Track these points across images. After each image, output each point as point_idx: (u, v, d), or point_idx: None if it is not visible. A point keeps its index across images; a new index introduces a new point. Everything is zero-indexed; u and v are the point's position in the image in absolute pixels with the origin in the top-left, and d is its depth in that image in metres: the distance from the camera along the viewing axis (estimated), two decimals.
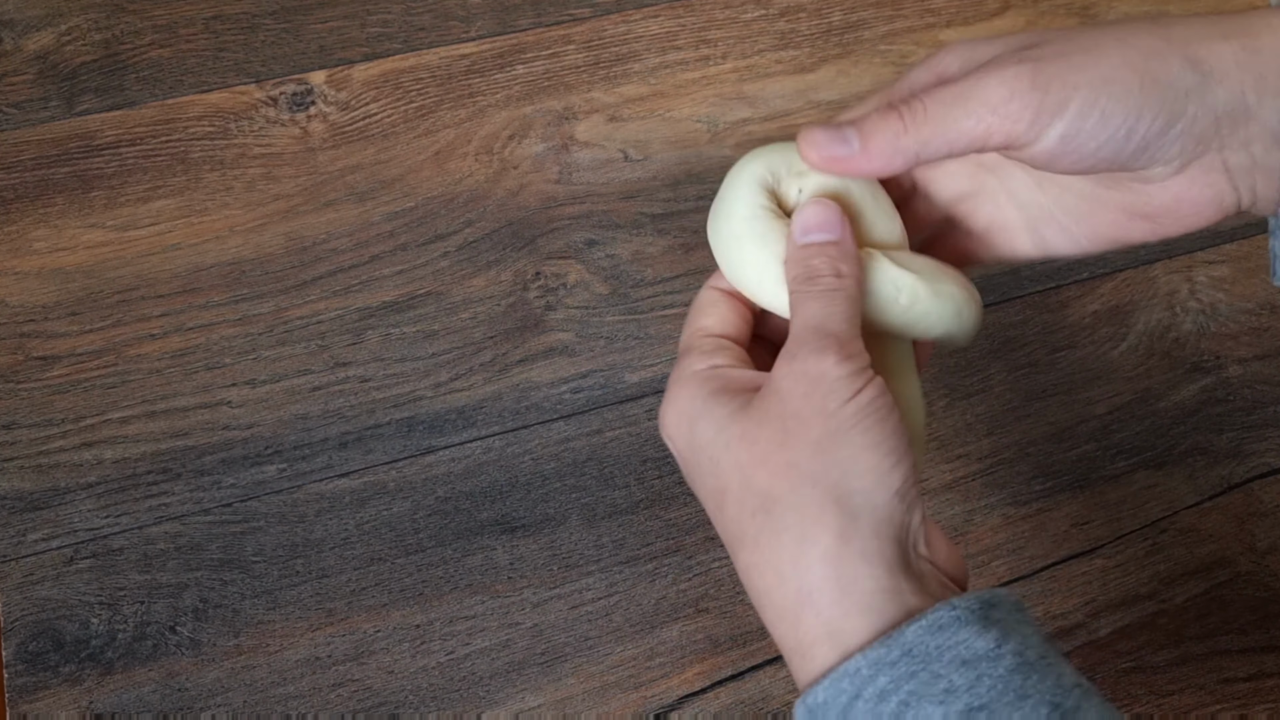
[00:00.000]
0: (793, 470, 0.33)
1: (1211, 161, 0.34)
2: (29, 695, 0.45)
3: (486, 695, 0.47)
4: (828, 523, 0.32)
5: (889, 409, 0.33)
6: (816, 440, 0.33)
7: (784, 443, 0.33)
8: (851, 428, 0.33)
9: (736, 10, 0.63)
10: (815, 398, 0.33)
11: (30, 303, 0.52)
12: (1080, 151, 0.34)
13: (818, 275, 0.35)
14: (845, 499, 0.32)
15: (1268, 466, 0.55)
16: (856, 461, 0.32)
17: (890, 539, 0.32)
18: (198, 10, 0.60)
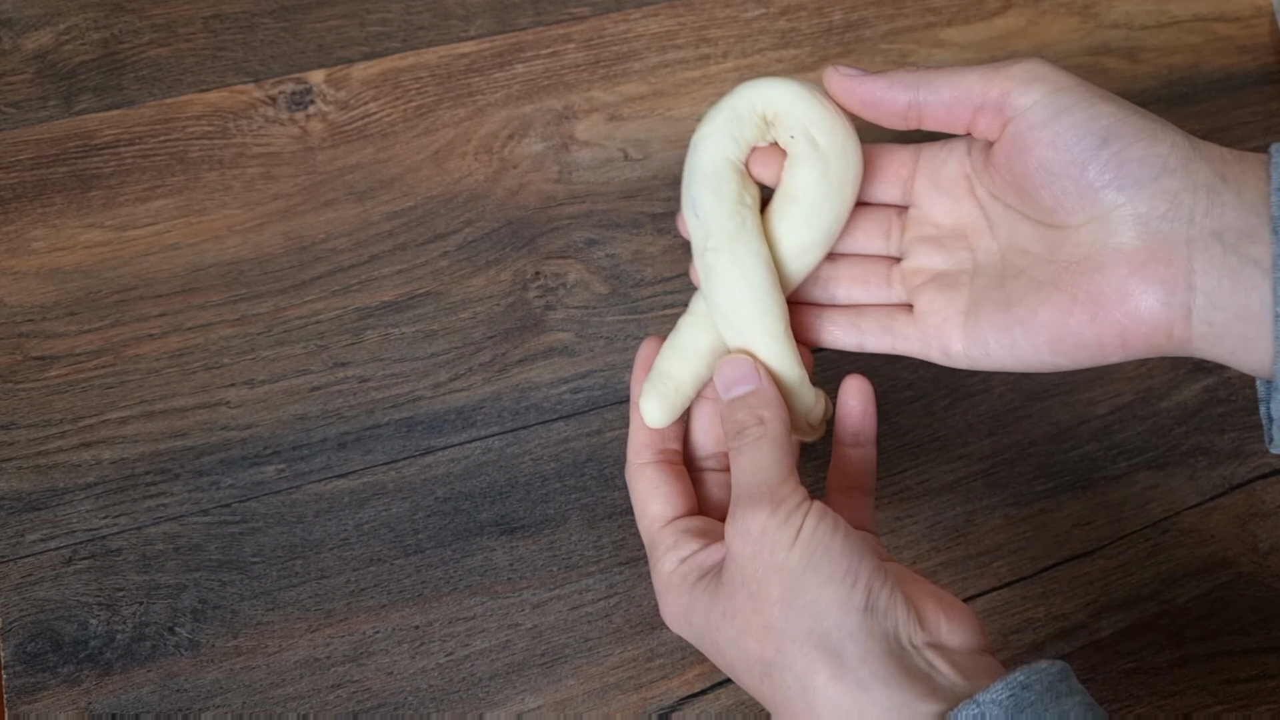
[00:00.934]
0: (771, 633, 0.34)
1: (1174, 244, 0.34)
2: (28, 696, 0.45)
3: (486, 696, 0.47)
4: (817, 670, 0.33)
5: (831, 532, 0.35)
6: (779, 597, 0.34)
7: (755, 608, 0.35)
8: (803, 571, 0.34)
9: (737, 9, 0.63)
10: (764, 554, 0.35)
11: (28, 303, 0.52)
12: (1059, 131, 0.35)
13: (742, 429, 0.38)
14: (824, 641, 0.33)
15: (1269, 467, 0.54)
16: (819, 601, 0.34)
17: (880, 655, 0.33)
18: (196, 9, 0.60)
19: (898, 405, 0.54)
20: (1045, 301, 0.36)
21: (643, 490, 0.40)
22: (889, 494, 0.52)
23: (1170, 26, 0.66)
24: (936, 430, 0.54)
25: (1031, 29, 0.64)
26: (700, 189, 0.39)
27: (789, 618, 0.34)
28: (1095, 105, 0.35)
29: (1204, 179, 0.34)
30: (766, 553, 0.35)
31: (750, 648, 0.35)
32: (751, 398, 0.38)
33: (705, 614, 0.36)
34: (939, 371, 0.55)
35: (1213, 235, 0.33)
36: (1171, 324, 0.34)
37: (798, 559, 0.34)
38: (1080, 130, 0.35)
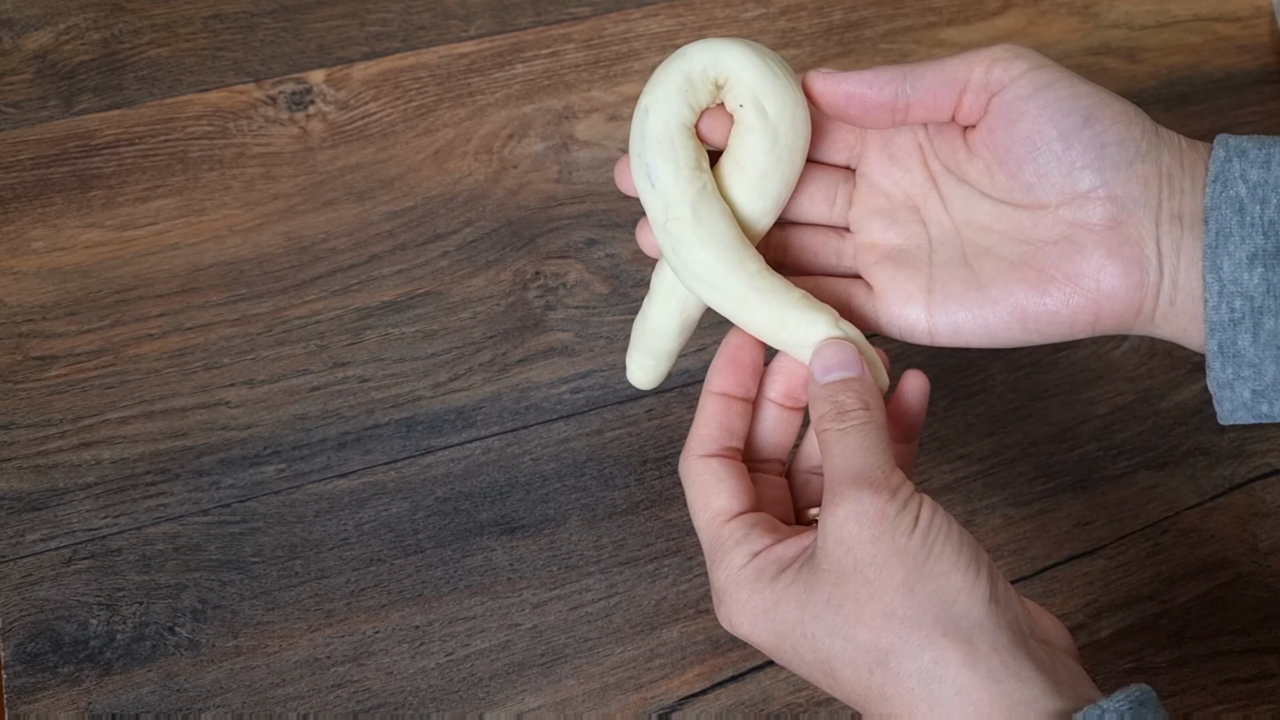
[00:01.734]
0: (893, 619, 0.33)
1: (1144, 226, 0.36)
2: (27, 696, 0.45)
3: (486, 696, 0.47)
4: (948, 657, 0.32)
5: (947, 522, 0.34)
6: (902, 582, 0.33)
7: (872, 594, 0.33)
8: (927, 557, 0.33)
9: (737, 9, 0.63)
10: (884, 538, 0.33)
11: (28, 303, 0.52)
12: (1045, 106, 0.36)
13: (847, 410, 0.36)
14: (953, 628, 0.32)
15: (1269, 467, 0.54)
16: (946, 588, 0.33)
17: (1010, 646, 0.32)
18: (196, 9, 0.60)
19: None
20: (1020, 280, 0.37)
21: (706, 483, 0.38)
22: None
23: (1170, 26, 0.66)
24: (936, 430, 0.54)
25: (1031, 29, 0.64)
26: (655, 156, 0.37)
27: (913, 604, 0.33)
28: (1075, 85, 0.36)
29: (1166, 165, 0.36)
30: (887, 537, 0.33)
31: (862, 637, 0.33)
32: (855, 383, 0.37)
33: (799, 605, 0.34)
34: (939, 371, 0.55)
35: (1174, 218, 0.36)
36: (1142, 302, 0.36)
37: (918, 543, 0.33)
38: (1065, 107, 0.36)
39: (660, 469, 0.52)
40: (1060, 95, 0.36)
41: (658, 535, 0.50)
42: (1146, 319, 0.37)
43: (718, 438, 0.39)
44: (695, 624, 0.49)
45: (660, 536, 0.50)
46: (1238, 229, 0.35)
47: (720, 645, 0.49)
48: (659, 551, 0.50)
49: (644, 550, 0.50)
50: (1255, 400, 0.36)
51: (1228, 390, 0.36)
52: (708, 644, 0.49)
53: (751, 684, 0.48)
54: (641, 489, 0.51)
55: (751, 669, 0.48)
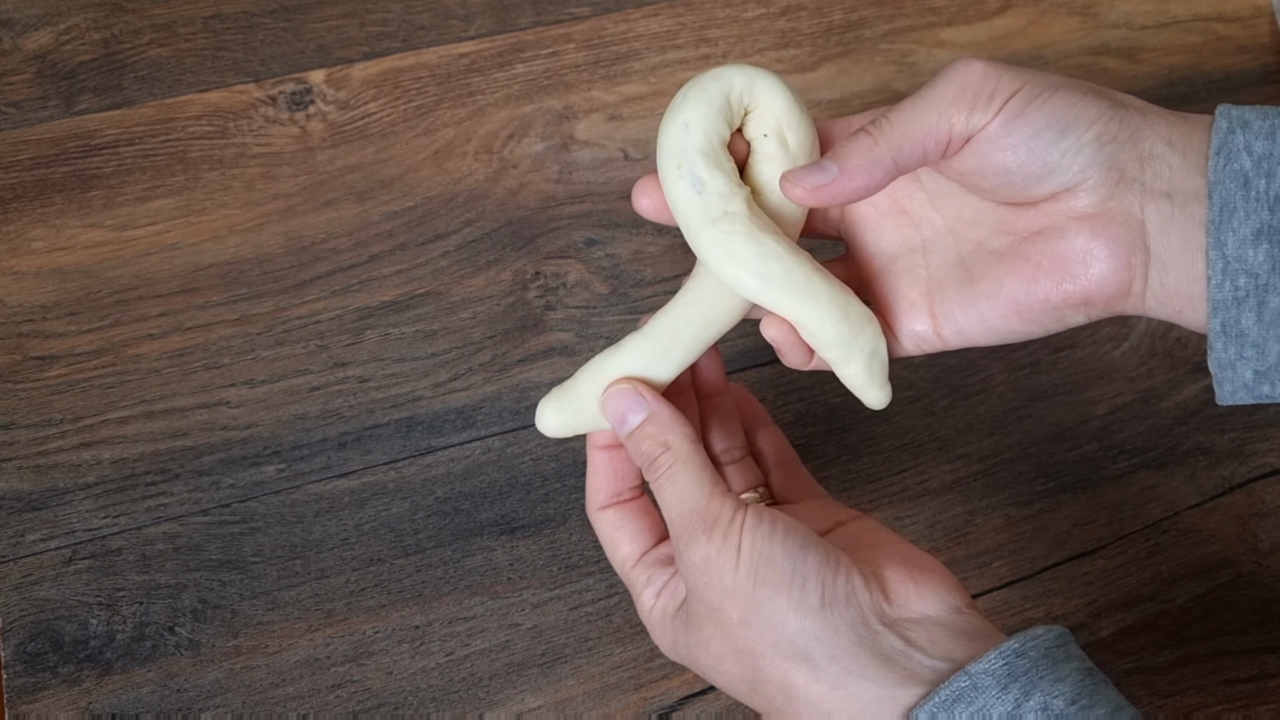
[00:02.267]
0: (743, 654, 0.34)
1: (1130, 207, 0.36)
2: (28, 696, 0.45)
3: (486, 696, 0.47)
4: (793, 678, 0.33)
5: (768, 538, 0.34)
6: (739, 619, 0.34)
7: (723, 634, 0.35)
8: (753, 588, 0.34)
9: (737, 9, 0.63)
10: (714, 583, 0.35)
11: (28, 302, 0.52)
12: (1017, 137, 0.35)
13: (651, 459, 0.37)
14: (790, 649, 0.34)
15: (1269, 467, 0.54)
16: (774, 612, 0.34)
17: (849, 649, 0.33)
18: (196, 9, 0.60)
19: (898, 405, 0.54)
20: (1010, 272, 0.38)
21: (607, 533, 0.40)
22: (889, 494, 0.52)
23: (1170, 26, 0.66)
24: (936, 430, 0.54)
25: (1031, 29, 0.64)
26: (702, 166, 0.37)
27: (753, 636, 0.34)
28: (1047, 100, 0.35)
29: (1150, 146, 0.35)
30: (715, 580, 0.34)
31: (730, 670, 0.35)
32: (649, 425, 0.37)
33: (685, 645, 0.37)
34: (939, 371, 0.55)
35: (1164, 196, 0.35)
36: (1131, 283, 0.36)
37: (744, 578, 0.34)
38: (1038, 128, 0.35)
39: None
40: (1032, 119, 0.35)
41: None
42: (1137, 299, 0.37)
43: (608, 488, 0.40)
44: None
45: None
46: (1242, 204, 0.34)
47: None
48: None
49: None
50: (1257, 381, 0.35)
51: (1229, 371, 0.36)
52: None
53: None
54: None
55: None
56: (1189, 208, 0.35)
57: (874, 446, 0.53)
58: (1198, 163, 0.35)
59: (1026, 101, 0.35)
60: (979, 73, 0.36)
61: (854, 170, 0.36)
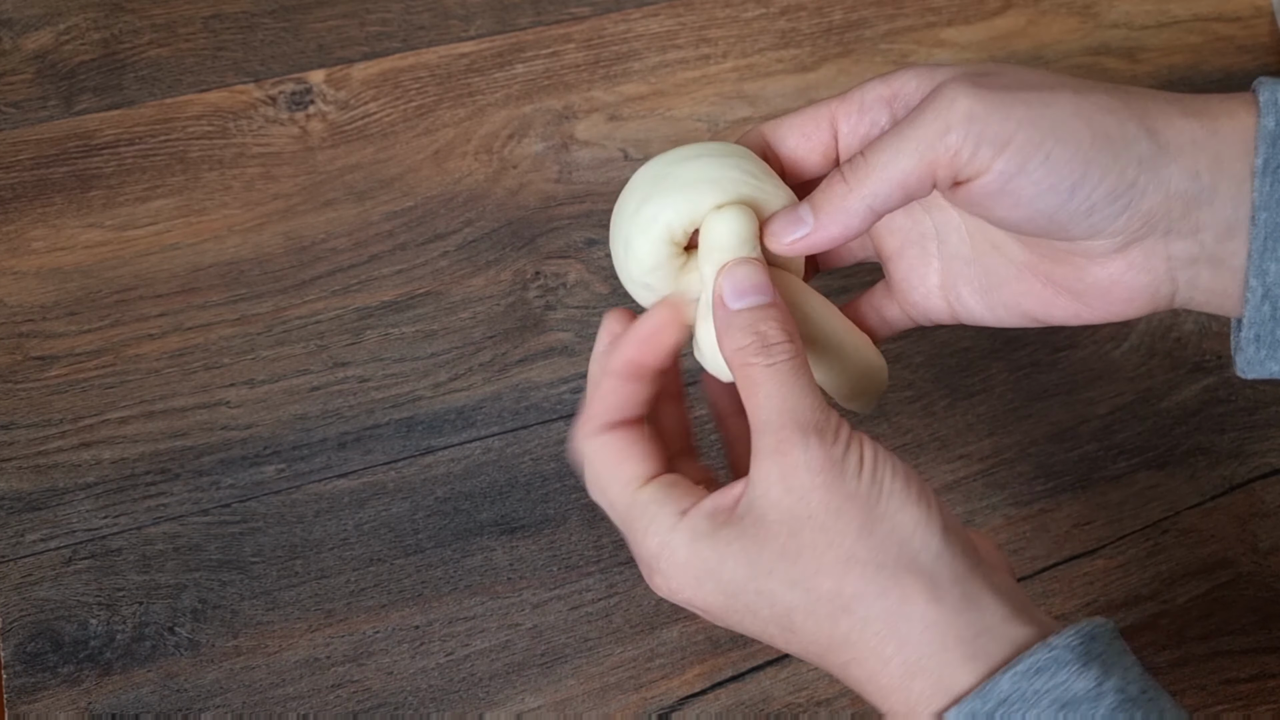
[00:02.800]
0: (854, 563, 0.32)
1: (1155, 247, 0.34)
2: (28, 696, 0.45)
3: (486, 696, 0.47)
4: (913, 594, 0.32)
5: (889, 458, 0.33)
6: (860, 525, 0.32)
7: (830, 542, 0.32)
8: (879, 498, 0.32)
9: (737, 9, 0.63)
10: (836, 486, 0.32)
11: (28, 302, 0.52)
12: (1020, 195, 0.32)
13: (773, 344, 0.33)
14: (914, 564, 0.32)
15: (1270, 467, 0.54)
16: (902, 526, 0.32)
17: (967, 575, 0.32)
18: (196, 9, 0.60)
19: (898, 405, 0.54)
20: (1025, 295, 0.37)
21: (609, 455, 0.35)
22: None
23: (1170, 26, 0.66)
24: (936, 430, 0.54)
25: (1031, 29, 0.64)
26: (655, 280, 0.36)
27: (873, 546, 0.32)
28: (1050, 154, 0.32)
29: (1177, 185, 0.33)
30: (838, 482, 0.32)
31: (824, 585, 0.32)
32: (775, 311, 0.34)
33: (749, 560, 0.32)
34: (939, 371, 0.55)
35: (1191, 235, 0.34)
36: (1156, 307, 0.36)
37: (868, 486, 0.32)
38: (1041, 188, 0.32)
39: None
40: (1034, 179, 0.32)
41: None
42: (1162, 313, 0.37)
43: (613, 413, 0.36)
44: (695, 624, 0.49)
45: None
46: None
47: (720, 645, 0.49)
48: None
49: None
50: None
51: (1256, 367, 0.35)
52: (708, 644, 0.49)
53: (751, 684, 0.48)
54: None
55: (751, 669, 0.48)
56: (1222, 244, 0.33)
57: None
58: (1230, 193, 0.33)
59: (1025, 156, 0.32)
60: (963, 113, 0.32)
61: (828, 222, 0.34)
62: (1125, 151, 0.32)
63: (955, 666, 0.31)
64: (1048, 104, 0.32)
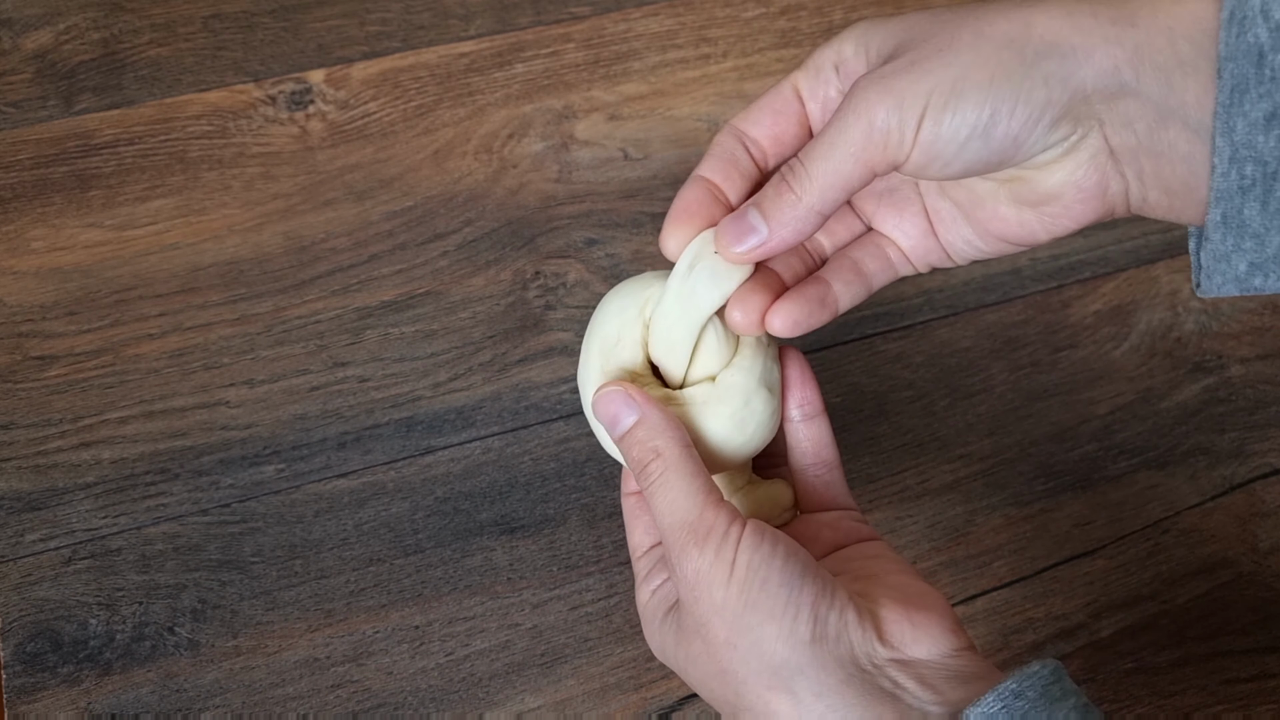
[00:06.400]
0: (727, 675, 0.33)
1: (1096, 144, 0.34)
2: (27, 696, 0.45)
3: (486, 696, 0.47)
4: (776, 710, 0.32)
5: (767, 559, 0.33)
6: (725, 639, 0.33)
7: (709, 652, 0.34)
8: (743, 610, 0.33)
9: (737, 8, 0.63)
10: (703, 597, 0.33)
11: (28, 302, 0.52)
12: (945, 155, 0.34)
13: (642, 465, 0.35)
14: (775, 679, 0.32)
15: (1270, 467, 0.54)
16: (764, 639, 0.33)
17: (836, 687, 0.32)
18: (196, 9, 0.60)
19: (898, 405, 0.54)
20: (992, 217, 0.37)
21: (628, 518, 0.39)
22: (889, 494, 0.52)
23: None
24: (936, 430, 0.54)
25: None
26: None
27: (738, 659, 0.33)
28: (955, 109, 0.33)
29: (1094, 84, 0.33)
30: (705, 595, 0.33)
31: (714, 689, 0.34)
32: (639, 430, 0.36)
33: (674, 653, 0.36)
34: (939, 371, 0.55)
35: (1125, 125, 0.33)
36: (1113, 208, 0.35)
37: (735, 597, 0.33)
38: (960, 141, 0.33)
39: None
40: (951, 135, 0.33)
41: None
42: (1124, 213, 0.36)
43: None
44: None
45: None
46: (1255, 84, 0.31)
47: None
48: None
49: None
50: (1250, 273, 0.33)
51: (1222, 263, 0.34)
52: None
53: None
54: None
55: None
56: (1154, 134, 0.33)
57: (874, 446, 0.53)
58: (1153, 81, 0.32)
59: (935, 120, 0.33)
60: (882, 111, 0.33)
61: (780, 229, 0.35)
62: (1028, 77, 0.33)
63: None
64: (948, 64, 0.33)
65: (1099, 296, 0.57)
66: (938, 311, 0.56)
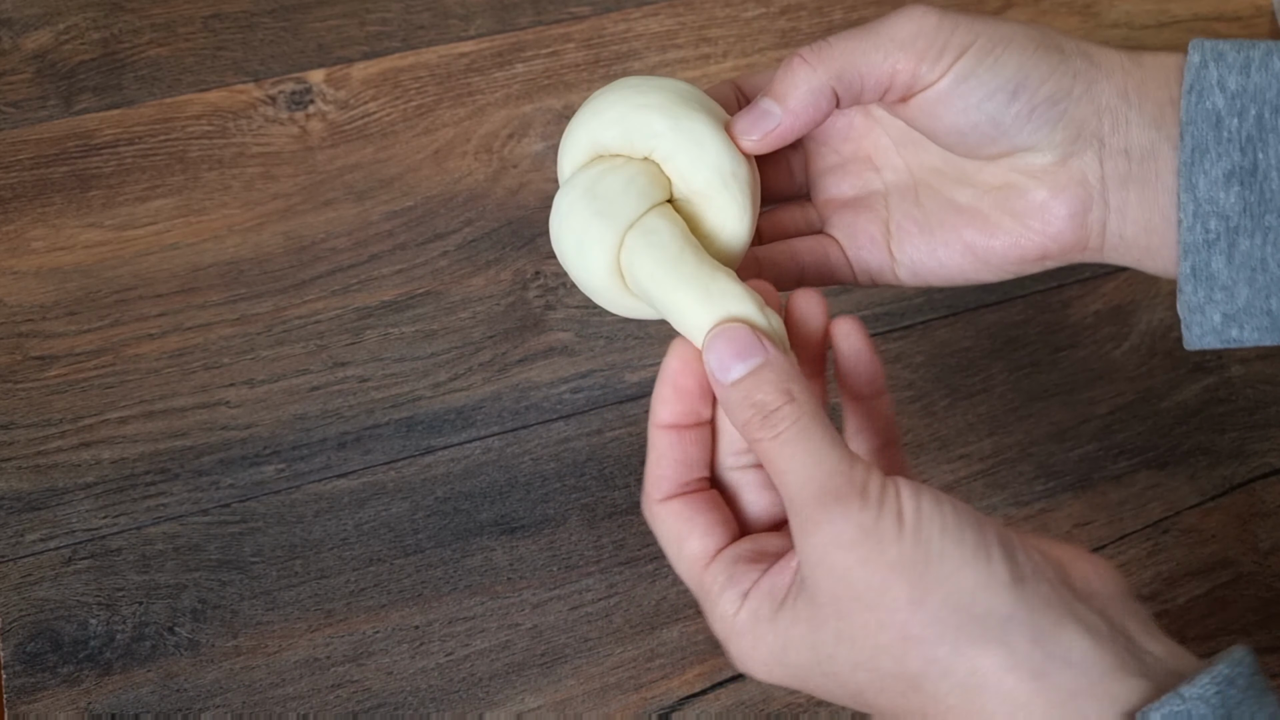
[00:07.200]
0: (912, 642, 0.29)
1: (1091, 164, 0.35)
2: (27, 696, 0.45)
3: (486, 697, 0.47)
4: (983, 666, 0.28)
5: (936, 506, 0.29)
6: (908, 599, 0.28)
7: (881, 622, 0.29)
8: (927, 561, 0.29)
9: (737, 8, 0.63)
10: (874, 559, 0.29)
11: (28, 302, 0.52)
12: (968, 99, 0.34)
13: (771, 411, 0.31)
14: (980, 631, 0.28)
15: (1270, 466, 0.54)
16: (959, 590, 0.28)
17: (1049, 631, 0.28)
18: (196, 9, 0.60)
19: (898, 405, 0.54)
20: (968, 224, 0.37)
21: (672, 528, 0.34)
22: None
23: (1171, 26, 0.66)
24: (936, 430, 0.54)
25: None
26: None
27: (929, 619, 0.28)
28: (999, 58, 0.34)
29: (1107, 100, 0.35)
30: (875, 554, 0.28)
31: (886, 666, 0.29)
32: (767, 371, 0.31)
33: (809, 646, 0.30)
34: (939, 371, 0.55)
35: (1121, 153, 0.35)
36: (1088, 238, 0.36)
37: (914, 549, 0.28)
38: (989, 89, 0.34)
39: None
40: (983, 80, 0.34)
41: None
42: (1095, 251, 0.36)
43: (674, 476, 0.34)
44: (695, 624, 0.49)
45: None
46: (1214, 145, 0.33)
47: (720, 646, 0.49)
48: (659, 551, 0.50)
49: (644, 550, 0.50)
50: (1225, 324, 0.35)
51: (1198, 314, 0.35)
52: (708, 644, 0.49)
53: (751, 684, 0.48)
54: (641, 489, 0.51)
55: None
56: (1145, 164, 0.35)
57: None
58: (1153, 114, 0.34)
59: (977, 60, 0.34)
60: (934, 23, 0.34)
61: (797, 108, 0.34)
62: (1064, 64, 0.35)
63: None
64: (999, 24, 0.35)
65: (1099, 296, 0.57)
66: (938, 311, 0.56)
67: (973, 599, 0.28)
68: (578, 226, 0.34)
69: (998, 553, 0.29)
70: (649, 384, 0.53)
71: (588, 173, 0.35)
